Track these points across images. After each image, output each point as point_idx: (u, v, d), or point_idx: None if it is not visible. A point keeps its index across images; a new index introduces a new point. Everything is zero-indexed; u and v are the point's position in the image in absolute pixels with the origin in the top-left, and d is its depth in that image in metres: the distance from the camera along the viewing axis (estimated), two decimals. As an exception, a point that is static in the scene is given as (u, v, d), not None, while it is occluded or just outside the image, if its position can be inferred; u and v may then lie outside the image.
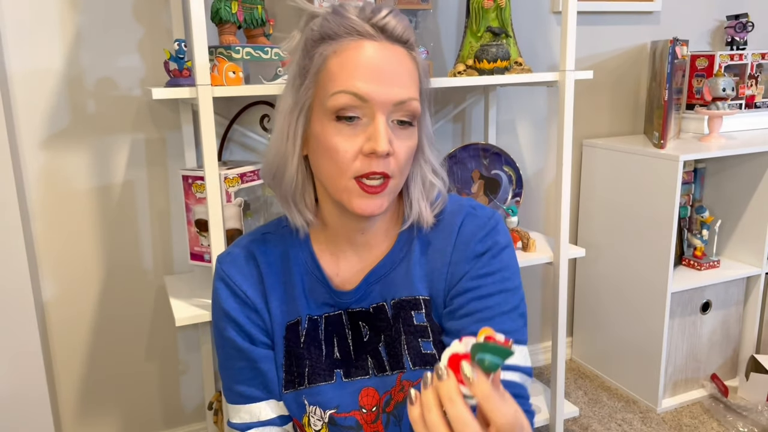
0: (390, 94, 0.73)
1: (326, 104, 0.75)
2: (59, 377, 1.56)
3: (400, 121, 0.76)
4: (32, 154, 1.43)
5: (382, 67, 0.74)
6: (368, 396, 0.86)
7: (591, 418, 1.85)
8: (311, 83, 0.77)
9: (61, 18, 1.40)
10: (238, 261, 0.87)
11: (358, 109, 0.74)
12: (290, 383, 0.87)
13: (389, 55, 0.75)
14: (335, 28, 0.75)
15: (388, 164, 0.75)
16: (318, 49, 0.76)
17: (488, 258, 0.83)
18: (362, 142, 0.74)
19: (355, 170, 0.74)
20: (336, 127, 0.75)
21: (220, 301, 0.86)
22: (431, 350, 0.85)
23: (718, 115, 1.87)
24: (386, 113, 0.74)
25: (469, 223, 0.85)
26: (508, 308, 0.82)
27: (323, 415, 0.86)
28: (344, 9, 0.76)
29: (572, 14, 1.43)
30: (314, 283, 0.86)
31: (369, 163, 0.74)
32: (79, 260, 1.52)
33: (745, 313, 1.98)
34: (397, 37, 0.76)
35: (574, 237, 2.10)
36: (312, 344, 0.86)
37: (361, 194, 0.75)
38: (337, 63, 0.74)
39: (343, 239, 0.86)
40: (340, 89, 0.73)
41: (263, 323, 0.87)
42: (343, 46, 0.75)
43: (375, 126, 0.73)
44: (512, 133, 1.94)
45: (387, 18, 0.75)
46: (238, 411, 0.89)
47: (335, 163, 0.75)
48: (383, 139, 0.72)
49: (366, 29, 0.74)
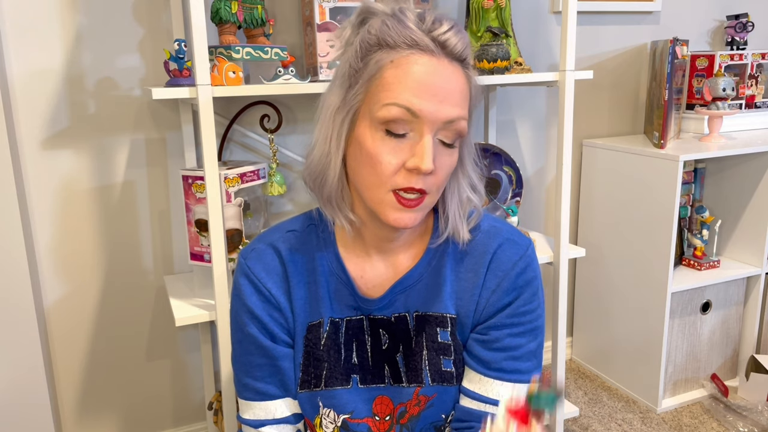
0: (441, 113, 0.73)
1: (376, 113, 0.73)
2: (59, 377, 1.56)
3: (444, 141, 0.75)
4: (32, 154, 1.44)
5: (437, 84, 0.73)
6: (382, 404, 0.86)
7: (591, 418, 1.85)
8: (362, 88, 0.75)
9: (61, 18, 1.40)
10: (263, 257, 0.86)
11: (407, 124, 0.73)
12: (306, 383, 0.87)
13: (446, 73, 0.74)
14: (395, 37, 0.73)
15: (428, 181, 0.75)
16: (374, 55, 0.75)
17: (529, 295, 0.85)
18: (406, 157, 0.73)
19: (395, 184, 0.74)
20: (382, 138, 0.74)
21: (243, 297, 0.85)
22: (451, 368, 0.85)
23: (718, 115, 1.87)
24: (434, 131, 0.73)
25: (508, 249, 0.85)
26: (534, 347, 0.86)
27: (336, 419, 0.86)
28: (405, 16, 0.75)
29: (572, 14, 1.43)
30: (339, 285, 0.85)
31: (409, 178, 0.73)
32: (79, 260, 1.52)
33: (745, 313, 1.98)
34: (457, 55, 0.75)
35: (574, 237, 2.10)
36: (332, 347, 0.86)
37: (397, 207, 0.75)
38: (393, 74, 0.73)
39: (371, 245, 0.85)
40: (392, 101, 0.72)
41: (285, 321, 0.86)
42: (401, 57, 0.73)
43: (422, 144, 0.73)
44: (512, 133, 1.94)
45: (448, 34, 0.74)
46: (252, 407, 0.88)
47: (376, 173, 0.74)
48: (428, 158, 0.72)
49: (426, 43, 0.73)
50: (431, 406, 0.86)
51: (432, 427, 0.87)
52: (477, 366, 0.84)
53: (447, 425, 0.88)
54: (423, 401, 0.85)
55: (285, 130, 1.62)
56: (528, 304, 0.85)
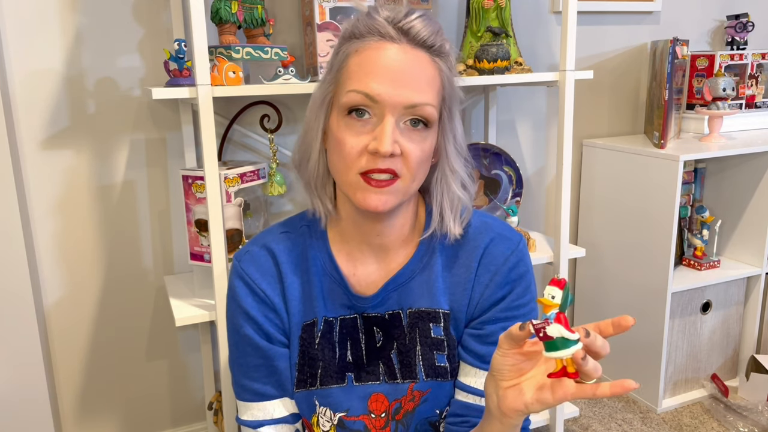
0: (401, 97, 0.74)
1: (340, 100, 0.76)
2: (59, 377, 1.56)
3: (414, 121, 0.76)
4: (32, 154, 1.43)
5: (397, 69, 0.74)
6: (378, 401, 0.87)
7: (591, 418, 1.85)
8: (333, 79, 0.79)
9: (61, 18, 1.40)
10: (257, 259, 0.87)
11: (368, 108, 0.75)
12: (302, 383, 0.87)
13: (408, 59, 0.75)
14: (361, 28, 0.77)
15: (395, 164, 0.76)
16: (343, 46, 0.78)
17: (522, 289, 0.85)
18: (369, 140, 0.75)
19: (360, 167, 0.76)
20: (347, 123, 0.76)
21: (238, 299, 0.86)
22: (444, 363, 0.86)
23: (718, 115, 1.87)
24: (396, 115, 0.75)
25: (499, 244, 0.85)
26: None
27: (333, 417, 0.87)
28: (376, 11, 0.78)
29: (572, 14, 1.43)
30: (332, 284, 0.86)
31: (374, 161, 0.75)
32: (79, 260, 1.52)
33: (746, 313, 1.98)
34: (421, 42, 0.76)
35: (574, 237, 2.10)
36: (326, 346, 0.86)
37: (366, 188, 0.76)
38: (356, 62, 0.76)
39: (359, 239, 0.86)
40: (353, 88, 0.75)
41: (281, 322, 0.87)
42: (365, 45, 0.76)
43: (381, 126, 0.74)
44: (512, 133, 1.94)
45: (414, 22, 0.76)
46: (250, 408, 0.89)
47: (342, 157, 0.76)
48: (387, 140, 0.73)
49: (388, 31, 0.75)
50: (425, 401, 0.86)
51: (427, 422, 0.88)
52: (473, 360, 0.85)
53: (442, 421, 0.88)
54: (417, 396, 0.86)
55: (285, 130, 1.62)
56: (521, 297, 0.85)
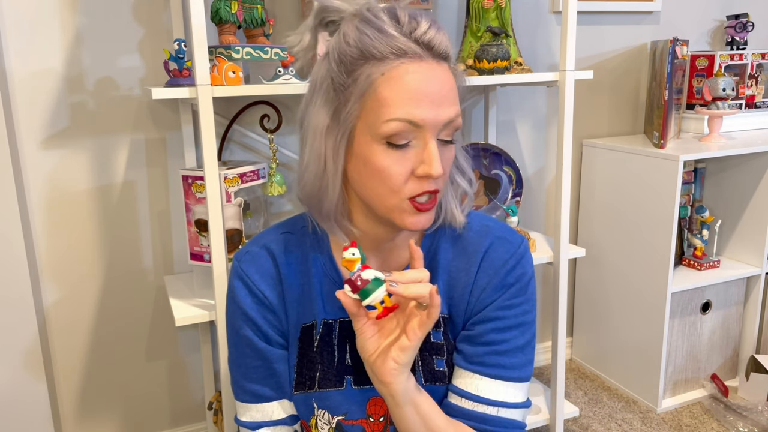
0: (440, 117, 0.73)
1: (377, 129, 0.72)
2: (59, 377, 1.56)
3: (444, 141, 0.76)
4: (32, 154, 1.44)
5: (433, 90, 0.72)
6: (376, 405, 0.86)
7: (591, 418, 1.85)
8: (356, 105, 0.74)
9: (61, 18, 1.40)
10: (257, 260, 0.86)
11: (409, 134, 0.73)
12: (300, 385, 0.87)
13: (437, 76, 0.73)
14: (379, 47, 0.72)
15: (438, 181, 0.76)
16: (362, 69, 0.73)
17: (516, 290, 0.83)
18: (414, 165, 0.74)
19: (409, 192, 0.74)
20: (386, 151, 0.73)
21: (237, 300, 0.86)
22: (443, 368, 0.85)
23: (718, 115, 1.87)
24: (436, 134, 0.74)
25: (499, 247, 0.84)
26: (522, 342, 0.84)
27: (331, 420, 0.86)
28: (381, 21, 0.73)
29: (572, 14, 1.43)
30: (332, 286, 0.85)
31: (421, 184, 0.74)
32: (79, 260, 1.52)
33: (745, 313, 1.98)
34: (443, 54, 0.75)
35: (574, 237, 2.10)
36: (325, 349, 0.86)
37: (414, 212, 0.75)
38: (388, 88, 0.72)
39: (369, 246, 0.85)
40: (393, 117, 0.71)
41: (279, 324, 0.86)
42: (392, 69, 0.72)
43: (428, 151, 0.73)
44: (512, 133, 1.94)
45: (431, 33, 0.73)
46: (249, 409, 0.88)
47: (386, 185, 0.74)
48: (437, 164, 0.72)
49: (413, 49, 0.72)
50: None
51: None
52: (459, 360, 0.84)
53: None
54: None
55: (285, 130, 1.62)
56: (514, 298, 0.83)
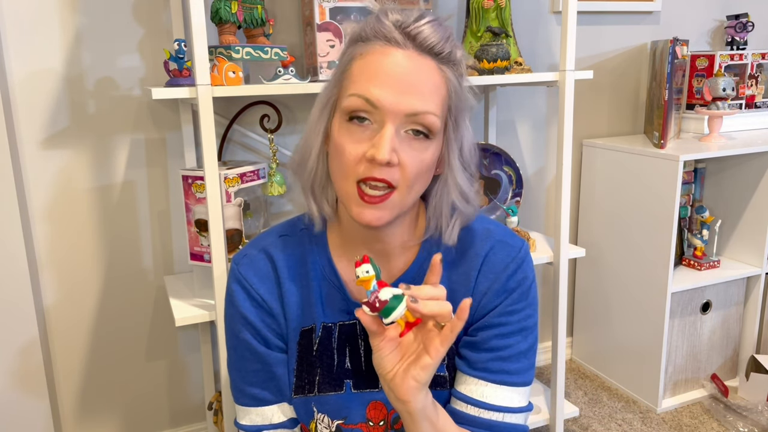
0: (402, 104, 0.72)
1: (341, 104, 0.75)
2: (59, 377, 1.56)
3: (415, 131, 0.74)
4: (32, 154, 1.43)
5: (400, 75, 0.72)
6: (376, 409, 0.86)
7: (591, 418, 1.85)
8: (336, 81, 0.77)
9: (61, 18, 1.40)
10: (255, 263, 0.85)
11: (369, 113, 0.73)
12: (300, 389, 0.86)
13: (412, 65, 0.73)
14: (368, 31, 0.75)
15: (392, 174, 0.73)
16: (349, 49, 0.77)
17: (518, 295, 0.83)
18: (367, 147, 0.73)
19: (357, 174, 0.73)
20: (347, 128, 0.74)
21: (236, 304, 0.85)
22: (444, 372, 0.85)
23: (718, 115, 1.87)
24: (396, 123, 0.72)
25: (500, 251, 0.83)
26: (525, 347, 0.83)
27: (331, 424, 0.86)
28: (385, 14, 0.75)
29: (572, 14, 1.43)
30: (331, 289, 0.85)
31: (371, 168, 0.72)
32: (79, 260, 1.52)
33: (745, 313, 1.98)
34: (428, 48, 0.74)
35: (574, 237, 2.10)
36: (325, 353, 0.85)
37: (359, 202, 0.74)
38: (359, 66, 0.74)
39: (360, 245, 0.84)
40: (354, 92, 0.73)
41: (279, 327, 0.86)
42: (369, 49, 0.74)
43: (381, 134, 0.72)
44: (512, 133, 1.94)
45: (422, 27, 0.73)
46: (248, 413, 0.88)
47: (341, 163, 0.74)
48: (384, 148, 0.71)
49: (395, 36, 0.73)
50: None
51: None
52: (463, 366, 0.84)
53: None
54: None
55: (285, 130, 1.62)
56: (516, 303, 0.83)
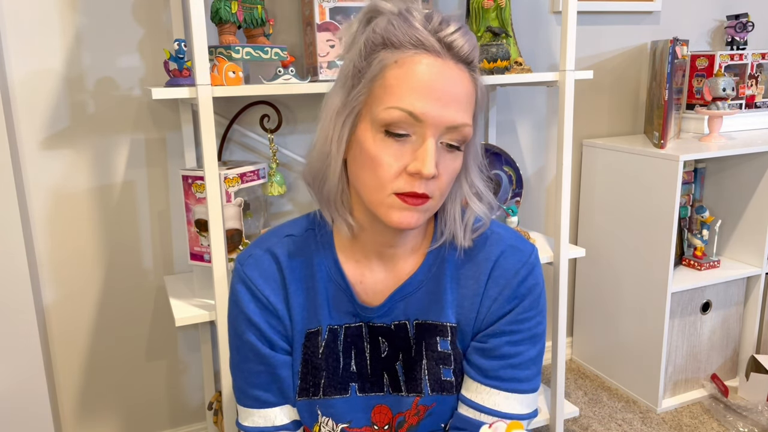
0: (445, 117, 0.70)
1: (378, 115, 0.71)
2: (59, 377, 1.56)
3: (449, 144, 0.73)
4: (32, 154, 1.43)
5: (441, 87, 0.70)
6: (381, 413, 0.85)
7: (591, 418, 1.85)
8: (365, 89, 0.73)
9: (61, 18, 1.40)
10: (260, 263, 0.84)
11: (409, 127, 0.71)
12: (304, 391, 0.85)
13: (451, 76, 0.71)
14: (400, 36, 0.71)
15: (430, 186, 0.73)
16: (378, 54, 0.72)
17: (529, 303, 0.83)
18: (408, 160, 0.71)
19: (397, 187, 0.72)
20: (384, 140, 0.72)
21: (240, 305, 0.84)
22: (450, 377, 0.84)
23: (718, 115, 1.87)
24: (437, 135, 0.71)
25: (511, 256, 0.83)
26: (534, 354, 0.84)
27: (335, 428, 0.85)
28: (411, 15, 0.72)
29: (572, 14, 1.43)
30: (338, 291, 0.84)
31: (412, 182, 0.71)
32: (79, 260, 1.52)
33: (745, 313, 1.98)
34: (463, 57, 0.73)
35: (574, 237, 2.10)
36: (330, 355, 0.84)
37: (401, 206, 0.72)
38: (396, 75, 0.71)
39: (370, 250, 0.83)
40: (395, 105, 0.70)
41: (284, 329, 0.84)
42: (405, 57, 0.71)
43: (424, 148, 0.70)
44: (512, 133, 1.94)
45: (455, 35, 0.72)
46: (251, 414, 0.87)
47: (377, 176, 0.72)
48: (430, 164, 0.70)
49: (432, 43, 0.71)
50: (430, 415, 0.85)
51: None
52: (475, 374, 0.83)
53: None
54: (422, 411, 0.84)
55: (285, 130, 1.62)
56: (528, 311, 0.83)
